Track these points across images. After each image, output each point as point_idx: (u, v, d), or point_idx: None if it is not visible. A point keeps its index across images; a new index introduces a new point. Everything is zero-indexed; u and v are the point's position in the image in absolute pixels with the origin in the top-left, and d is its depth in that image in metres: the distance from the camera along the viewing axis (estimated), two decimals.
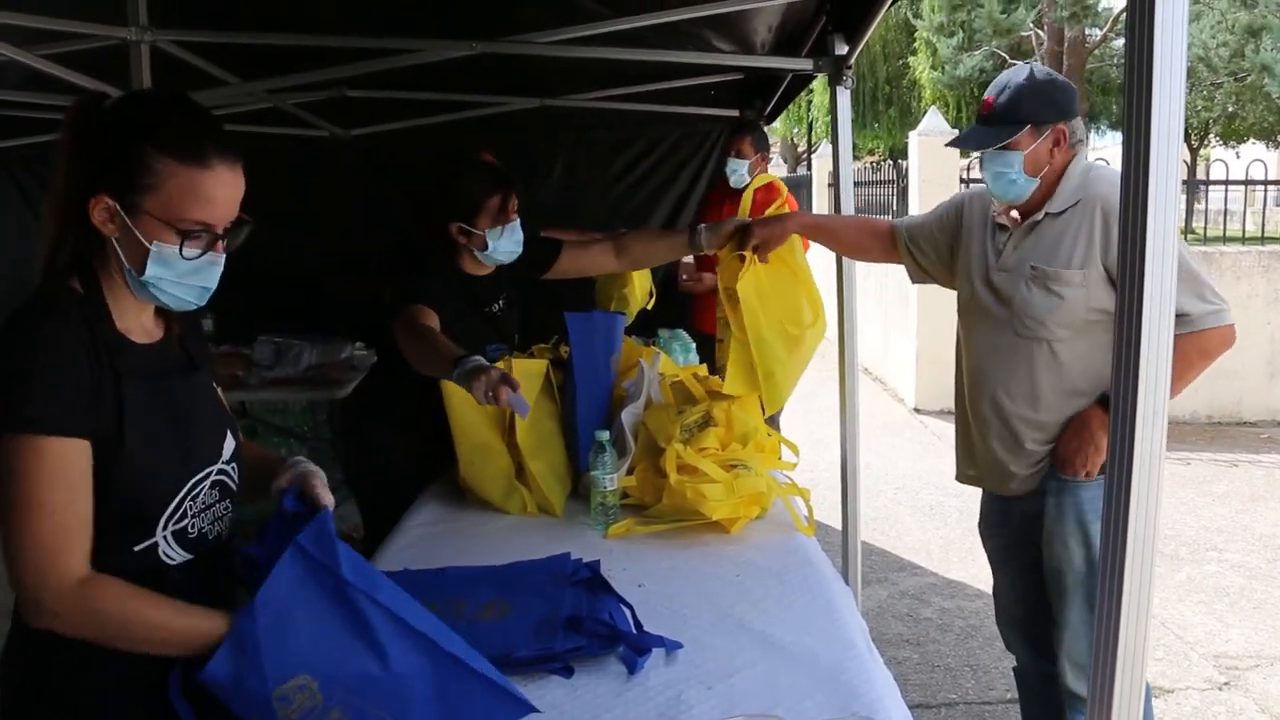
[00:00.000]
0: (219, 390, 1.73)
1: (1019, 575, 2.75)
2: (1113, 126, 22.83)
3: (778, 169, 21.85)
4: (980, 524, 2.89)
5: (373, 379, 3.39)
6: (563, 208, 5.41)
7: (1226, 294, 2.46)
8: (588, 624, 1.85)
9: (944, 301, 2.82)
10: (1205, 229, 9.23)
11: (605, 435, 2.57)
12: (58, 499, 1.36)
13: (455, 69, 4.00)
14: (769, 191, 4.56)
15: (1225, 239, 8.78)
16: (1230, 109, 19.41)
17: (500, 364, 2.73)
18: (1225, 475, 6.76)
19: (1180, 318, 2.28)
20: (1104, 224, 2.39)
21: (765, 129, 5.34)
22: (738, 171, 4.56)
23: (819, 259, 3.16)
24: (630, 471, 2.68)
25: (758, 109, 5.35)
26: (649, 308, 4.21)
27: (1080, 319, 2.43)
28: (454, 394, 2.68)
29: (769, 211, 3.22)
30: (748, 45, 4.12)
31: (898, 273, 2.68)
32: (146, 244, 1.45)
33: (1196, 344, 2.35)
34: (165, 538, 1.51)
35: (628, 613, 1.94)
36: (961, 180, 9.15)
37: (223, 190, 1.49)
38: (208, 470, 1.58)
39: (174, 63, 3.53)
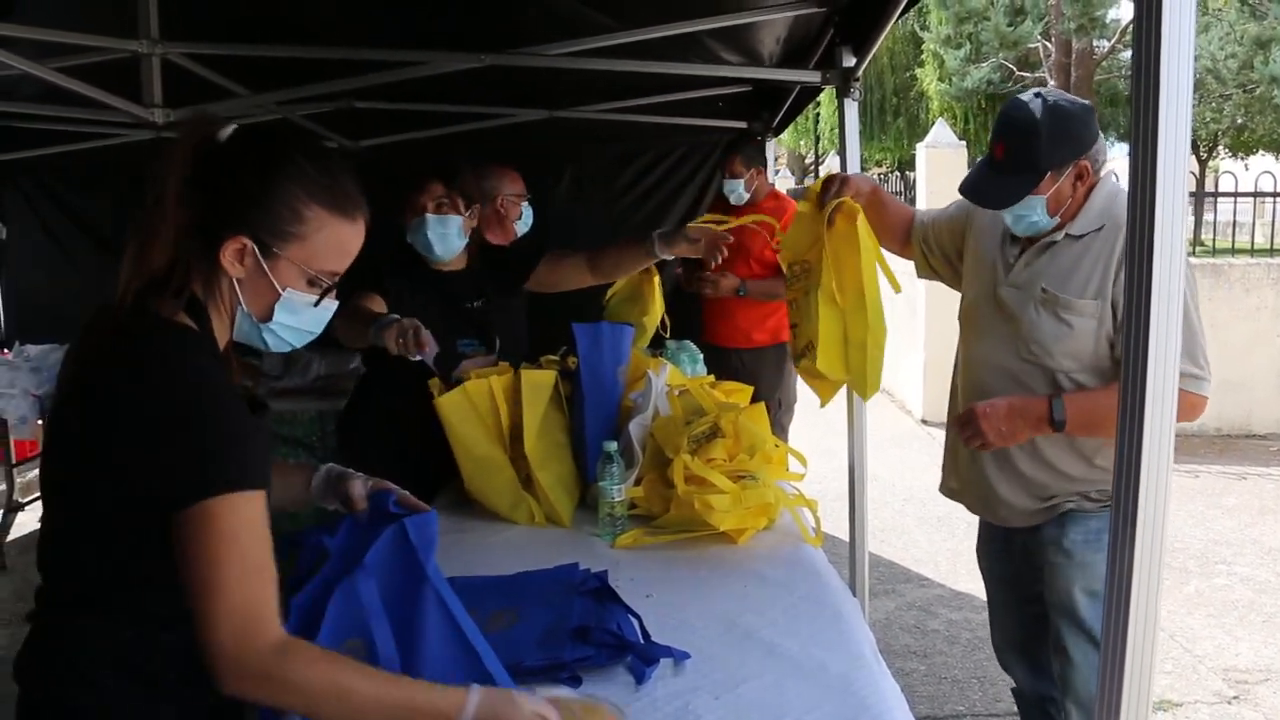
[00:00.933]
0: None
1: (1019, 603, 2.68)
2: (1120, 138, 22.78)
3: (785, 181, 21.87)
4: (979, 547, 2.81)
5: (359, 389, 3.43)
6: (569, 220, 5.45)
7: (1236, 306, 2.40)
8: (595, 634, 1.85)
9: (952, 313, 2.77)
10: (1214, 241, 9.22)
11: (613, 446, 2.57)
12: (260, 557, 1.32)
13: (463, 81, 4.02)
14: (777, 199, 4.58)
15: (1234, 251, 8.76)
16: (1239, 120, 19.37)
17: (501, 368, 2.77)
18: (1234, 488, 6.74)
19: None
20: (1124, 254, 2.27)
21: (765, 140, 5.37)
22: (736, 190, 4.59)
23: None
24: (638, 482, 2.68)
25: (765, 121, 5.37)
26: (665, 335, 4.22)
27: (1090, 351, 2.31)
28: (450, 410, 2.69)
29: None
30: (756, 57, 4.14)
31: (906, 283, 2.60)
32: (279, 290, 1.42)
33: None
34: None
35: (635, 623, 1.93)
36: None
37: (359, 242, 1.49)
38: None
39: (184, 75, 3.56)
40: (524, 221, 3.88)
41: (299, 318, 1.46)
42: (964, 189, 2.43)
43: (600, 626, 1.88)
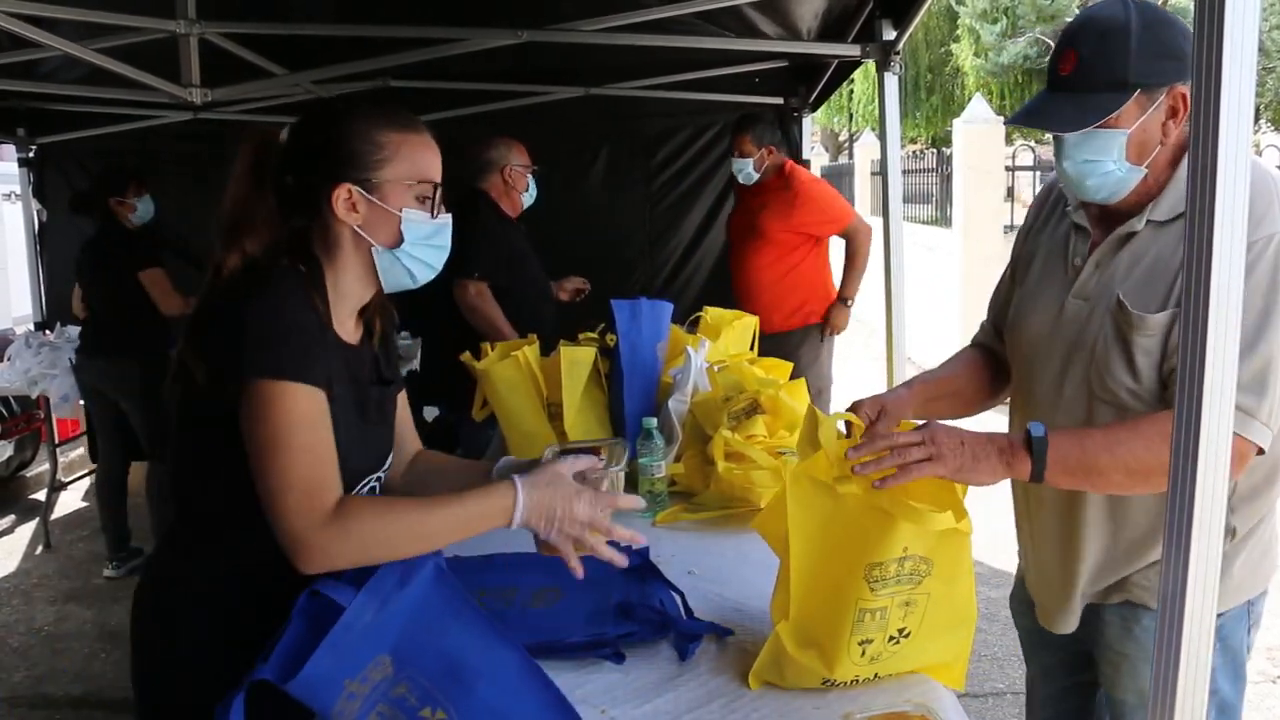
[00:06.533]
0: (404, 404, 1.88)
1: (1056, 670, 2.18)
2: None
3: (820, 158, 21.68)
4: (1013, 599, 2.29)
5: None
6: (603, 198, 5.45)
7: None
8: (638, 610, 1.85)
9: (992, 288, 2.48)
10: None
11: (653, 423, 2.56)
12: (306, 439, 1.41)
13: (499, 58, 4.02)
14: (782, 177, 4.52)
15: None
16: None
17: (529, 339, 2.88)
18: None
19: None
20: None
21: (798, 116, 5.32)
22: (745, 170, 4.48)
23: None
24: (678, 459, 2.68)
25: (801, 97, 5.33)
26: None
27: (1150, 387, 1.68)
28: (498, 380, 2.70)
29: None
30: (793, 31, 4.11)
31: (942, 263, 2.43)
32: (396, 213, 1.55)
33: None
34: None
35: (678, 599, 1.93)
36: (1007, 168, 9.04)
37: (433, 153, 1.64)
38: (372, 476, 1.68)
39: (221, 54, 3.57)
40: (530, 194, 3.93)
41: (423, 233, 1.58)
42: (1017, 117, 1.79)
43: (643, 603, 1.88)
